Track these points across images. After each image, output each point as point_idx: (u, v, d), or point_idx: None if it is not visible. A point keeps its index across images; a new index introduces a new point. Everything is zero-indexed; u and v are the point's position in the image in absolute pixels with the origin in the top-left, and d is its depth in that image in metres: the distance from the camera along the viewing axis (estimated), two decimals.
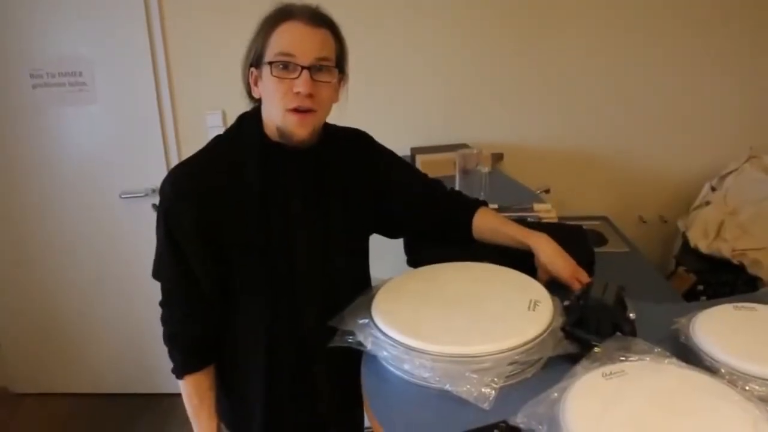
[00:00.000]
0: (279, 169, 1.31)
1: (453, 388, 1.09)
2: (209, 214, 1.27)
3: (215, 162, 1.31)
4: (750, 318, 1.28)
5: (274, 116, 1.27)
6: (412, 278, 1.40)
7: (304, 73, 1.22)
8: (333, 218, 1.37)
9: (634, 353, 1.14)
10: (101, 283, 3.21)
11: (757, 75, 2.88)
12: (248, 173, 1.28)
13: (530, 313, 1.22)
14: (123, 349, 3.31)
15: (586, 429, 0.95)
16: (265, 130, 1.31)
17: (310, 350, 1.38)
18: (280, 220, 1.31)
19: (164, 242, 1.31)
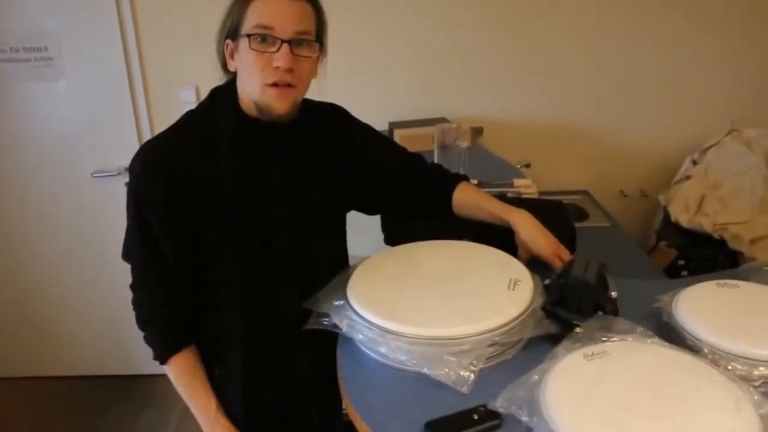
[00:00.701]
0: (255, 145, 1.26)
1: (431, 372, 1.05)
2: (181, 193, 1.21)
3: (187, 138, 1.25)
4: (733, 295, 1.26)
5: (251, 91, 1.21)
6: (388, 258, 1.36)
7: (284, 47, 1.17)
8: (312, 195, 1.33)
9: (616, 333, 1.12)
10: (77, 264, 3.14)
11: (738, 49, 2.85)
12: (222, 149, 1.23)
13: (510, 293, 1.19)
14: (101, 330, 3.25)
15: (568, 412, 0.93)
16: (241, 105, 1.26)
17: (291, 333, 1.34)
18: (257, 198, 1.26)
19: (134, 222, 1.26)
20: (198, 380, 1.34)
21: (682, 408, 0.94)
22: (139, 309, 1.32)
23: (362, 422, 1.02)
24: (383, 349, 1.10)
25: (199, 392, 1.34)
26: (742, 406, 0.94)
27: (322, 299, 1.22)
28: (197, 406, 1.35)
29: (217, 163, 1.23)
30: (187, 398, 1.35)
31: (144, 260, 1.28)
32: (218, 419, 1.34)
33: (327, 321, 1.19)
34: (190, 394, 1.34)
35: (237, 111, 1.25)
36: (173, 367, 1.33)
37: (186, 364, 1.33)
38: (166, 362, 1.32)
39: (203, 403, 1.34)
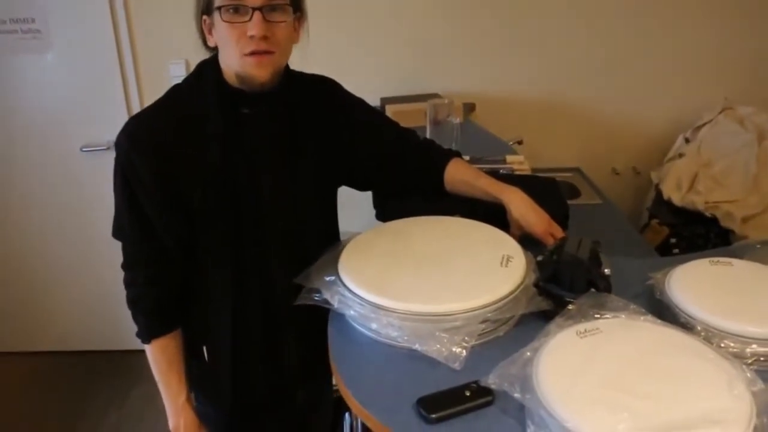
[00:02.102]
0: (242, 117, 1.24)
1: (422, 348, 1.05)
2: (169, 167, 1.19)
3: (174, 111, 1.23)
4: (726, 273, 1.25)
5: (231, 62, 1.19)
6: (380, 234, 1.34)
7: (256, 14, 1.14)
8: (302, 168, 1.31)
9: (608, 310, 1.11)
10: (65, 239, 3.11)
11: (732, 26, 2.83)
12: (209, 122, 1.21)
13: (502, 269, 1.18)
14: (90, 305, 3.23)
15: (560, 390, 0.92)
16: (225, 78, 1.23)
17: (279, 309, 1.33)
18: (245, 170, 1.24)
19: (122, 198, 1.24)
20: (175, 368, 1.33)
21: (674, 386, 0.93)
22: (129, 288, 1.30)
23: (353, 399, 1.01)
24: (375, 326, 1.09)
25: (173, 380, 1.34)
26: (734, 384, 0.94)
27: (313, 275, 1.21)
28: (168, 393, 1.35)
29: (204, 137, 1.21)
30: (159, 382, 1.34)
31: (134, 238, 1.26)
32: (185, 409, 1.34)
33: (318, 296, 1.18)
34: (163, 379, 1.34)
35: (222, 84, 1.23)
36: (154, 349, 1.32)
37: (167, 350, 1.32)
38: (149, 342, 1.31)
39: (174, 392, 1.34)
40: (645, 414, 0.87)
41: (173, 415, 1.34)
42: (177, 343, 1.32)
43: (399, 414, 0.97)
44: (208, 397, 1.41)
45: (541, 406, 0.91)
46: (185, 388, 1.33)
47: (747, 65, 2.89)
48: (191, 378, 1.37)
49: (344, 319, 1.19)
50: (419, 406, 0.96)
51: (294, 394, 1.44)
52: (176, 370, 1.32)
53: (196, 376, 1.38)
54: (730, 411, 0.89)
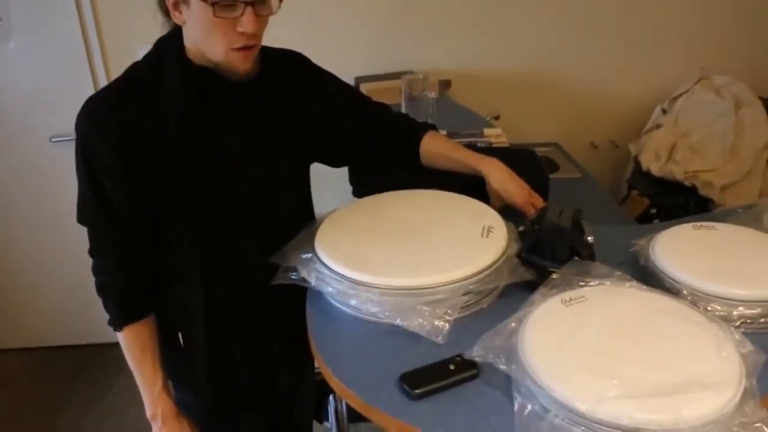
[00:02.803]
0: (206, 93, 1.19)
1: (404, 323, 1.01)
2: (131, 146, 1.14)
3: (134, 88, 1.18)
4: (710, 237, 1.24)
5: (213, 54, 1.13)
6: (357, 209, 1.31)
7: (248, 10, 1.08)
8: (271, 145, 1.26)
9: (593, 278, 1.09)
10: (37, 232, 3.03)
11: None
12: (171, 98, 1.16)
13: (484, 240, 1.15)
14: (62, 299, 3.16)
15: (546, 359, 0.90)
16: (189, 56, 1.18)
17: (255, 290, 1.29)
18: (211, 148, 1.19)
19: (85, 180, 1.19)
20: (149, 355, 1.28)
21: (663, 351, 0.91)
22: (97, 275, 1.25)
23: (334, 378, 0.98)
24: (354, 302, 1.05)
25: (148, 368, 1.29)
26: (722, 346, 0.92)
27: (289, 253, 1.17)
28: (143, 381, 1.30)
29: (166, 113, 1.16)
30: (134, 370, 1.29)
31: (100, 223, 1.21)
32: (162, 397, 1.29)
33: (295, 275, 1.14)
34: (138, 367, 1.29)
35: (184, 60, 1.17)
36: (126, 336, 1.27)
37: (139, 336, 1.27)
38: (121, 330, 1.26)
39: (149, 379, 1.29)
40: (634, 380, 0.85)
41: (150, 404, 1.30)
42: (150, 330, 1.28)
43: (382, 391, 0.94)
44: (186, 384, 1.37)
45: (528, 376, 0.88)
46: (161, 375, 1.29)
47: (721, 35, 2.87)
48: (168, 366, 1.33)
49: (323, 298, 1.15)
50: (402, 383, 0.93)
51: (275, 378, 1.40)
52: (150, 358, 1.28)
53: (172, 364, 1.34)
54: (719, 373, 0.87)
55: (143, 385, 1.29)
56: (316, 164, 1.44)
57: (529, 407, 0.86)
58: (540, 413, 0.86)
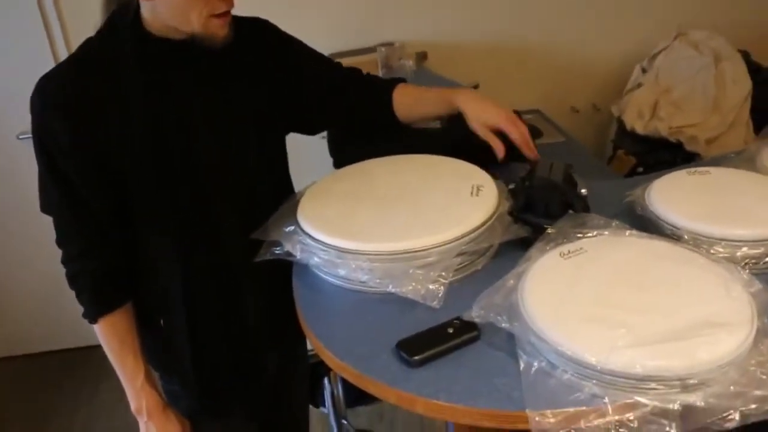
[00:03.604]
0: (166, 64, 1.12)
1: (396, 289, 0.96)
2: (87, 124, 1.07)
3: (89, 64, 1.11)
4: (705, 182, 1.20)
5: (188, 24, 1.07)
6: (339, 177, 1.25)
7: None
8: (241, 116, 1.20)
9: (590, 229, 1.04)
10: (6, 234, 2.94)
11: None
12: (129, 71, 1.09)
13: (474, 199, 1.10)
14: (40, 304, 3.06)
15: (550, 314, 0.85)
16: (146, 26, 1.10)
17: (235, 270, 1.23)
18: (175, 119, 1.13)
19: (43, 163, 1.12)
20: (128, 347, 1.22)
21: (670, 296, 0.87)
22: (66, 264, 1.18)
23: (327, 351, 0.93)
24: (342, 271, 1.00)
25: (128, 360, 1.22)
26: (731, 286, 0.88)
27: (271, 227, 1.11)
28: (125, 375, 1.23)
29: (125, 88, 1.09)
30: (115, 364, 1.23)
31: (64, 210, 1.14)
32: (145, 389, 1.22)
33: (279, 250, 1.08)
34: (118, 360, 1.23)
35: (141, 31, 1.11)
36: (103, 328, 1.20)
37: (117, 327, 1.20)
38: (97, 322, 1.19)
39: (130, 371, 1.22)
40: (644, 327, 0.80)
41: (134, 398, 1.23)
42: (127, 320, 1.21)
43: (378, 361, 0.89)
44: (172, 374, 1.31)
45: (532, 332, 0.84)
46: (142, 367, 1.22)
47: None
48: (152, 356, 1.27)
49: (309, 271, 1.10)
50: (400, 350, 0.88)
51: (265, 361, 1.35)
52: (130, 349, 1.21)
53: (156, 354, 1.28)
54: (730, 314, 0.83)
55: (125, 379, 1.23)
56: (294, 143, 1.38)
57: (535, 365, 0.82)
58: (547, 370, 0.81)
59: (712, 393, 0.75)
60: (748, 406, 0.74)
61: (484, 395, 0.81)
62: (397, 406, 0.87)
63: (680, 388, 0.75)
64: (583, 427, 0.75)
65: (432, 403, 0.81)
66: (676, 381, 0.75)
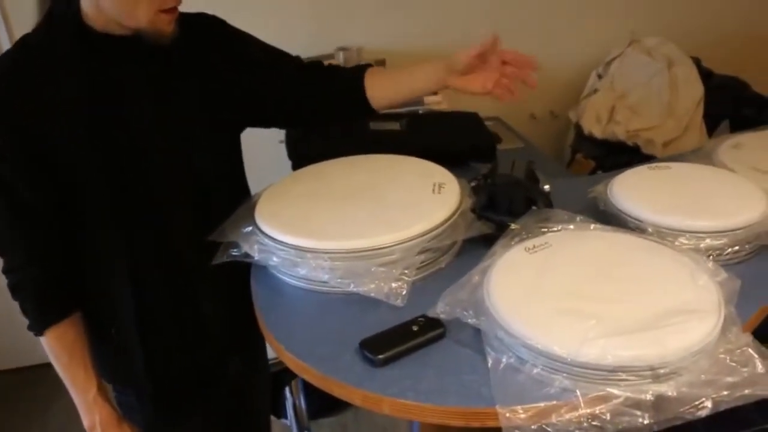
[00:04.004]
0: (110, 60, 1.07)
1: (358, 288, 0.93)
2: (28, 123, 1.01)
3: (26, 62, 1.04)
4: (666, 176, 1.20)
5: (135, 19, 1.02)
6: (298, 178, 1.22)
7: None
8: (190, 113, 1.15)
9: (555, 224, 1.02)
10: None
11: None
12: (70, 69, 1.04)
13: (436, 196, 1.07)
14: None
15: (517, 307, 0.83)
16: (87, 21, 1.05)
17: (189, 273, 1.17)
18: (120, 117, 1.07)
19: None
20: (78, 359, 1.15)
21: (638, 287, 0.86)
22: (8, 274, 1.10)
23: (288, 354, 0.89)
24: (302, 271, 0.96)
25: (79, 373, 1.15)
26: (697, 276, 0.87)
27: (228, 229, 1.07)
28: (75, 388, 1.16)
29: (67, 86, 1.03)
30: (64, 378, 1.16)
31: (4, 215, 1.07)
32: (98, 403, 1.16)
33: (236, 251, 1.04)
34: (68, 374, 1.16)
35: (82, 26, 1.05)
36: (50, 340, 1.13)
37: (65, 339, 1.13)
38: (43, 334, 1.12)
39: (81, 385, 1.16)
40: (614, 317, 0.79)
41: (86, 413, 1.16)
42: (76, 330, 1.14)
43: (341, 362, 0.85)
44: (125, 385, 1.24)
45: (499, 327, 0.81)
46: (94, 380, 1.16)
47: None
48: (104, 367, 1.21)
49: (268, 273, 1.06)
50: (363, 349, 0.84)
51: (225, 370, 1.29)
52: (80, 362, 1.14)
53: (109, 364, 1.21)
54: (698, 303, 0.82)
55: (76, 393, 1.16)
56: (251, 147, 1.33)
57: (504, 361, 0.80)
58: (516, 365, 0.79)
59: (684, 382, 0.74)
60: (720, 394, 0.72)
61: (453, 393, 0.78)
62: (359, 419, 0.83)
63: (652, 379, 0.74)
64: (554, 422, 0.73)
65: (399, 402, 0.78)
66: (647, 371, 0.73)
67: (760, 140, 1.38)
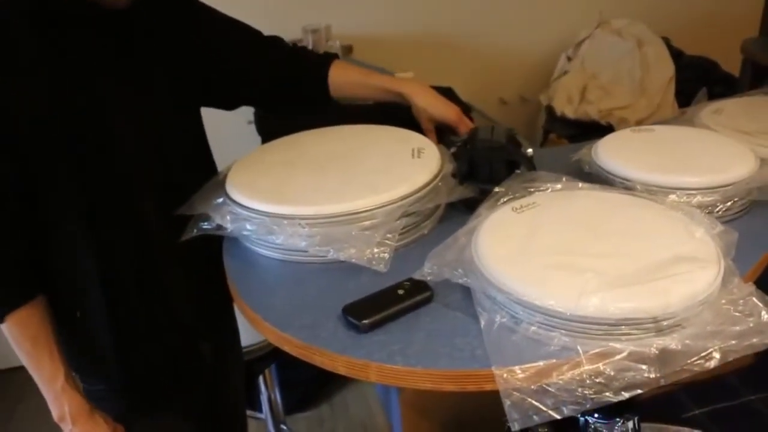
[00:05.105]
0: (64, 28, 0.99)
1: (338, 254, 0.88)
2: None
3: None
4: (651, 138, 1.17)
5: None
6: (269, 149, 1.16)
7: None
8: (146, 80, 1.07)
9: (542, 183, 0.98)
10: None
11: None
12: (20, 39, 0.96)
13: (416, 161, 1.02)
14: None
15: (510, 264, 0.78)
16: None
17: (156, 251, 1.10)
18: (77, 89, 0.99)
19: None
20: (43, 346, 1.06)
21: (634, 241, 0.82)
22: None
23: (266, 324, 0.83)
24: (278, 239, 0.90)
25: (44, 361, 1.07)
26: (693, 229, 0.83)
27: (197, 201, 1.01)
28: (42, 378, 1.08)
29: (18, 58, 0.95)
30: (30, 368, 1.07)
31: None
32: (66, 392, 1.07)
33: (207, 225, 0.98)
34: (33, 363, 1.07)
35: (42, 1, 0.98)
36: (12, 327, 1.04)
37: (28, 325, 1.04)
38: (4, 320, 1.04)
39: (48, 373, 1.07)
40: (612, 270, 0.75)
41: (55, 404, 1.08)
42: (40, 316, 1.06)
43: (323, 329, 0.80)
44: (93, 373, 1.16)
45: (491, 285, 0.76)
46: (62, 368, 1.08)
47: None
48: (72, 354, 1.13)
49: (241, 246, 1.00)
50: (346, 315, 0.79)
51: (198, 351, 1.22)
52: (45, 349, 1.06)
53: (76, 351, 1.14)
54: (698, 252, 0.78)
55: (42, 383, 1.08)
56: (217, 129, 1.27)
57: (497, 320, 0.75)
58: (510, 325, 0.75)
59: (689, 334, 0.70)
60: (728, 343, 0.68)
61: (445, 356, 0.73)
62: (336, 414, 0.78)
63: (655, 332, 0.70)
64: (556, 381, 0.68)
65: (387, 368, 0.73)
66: (650, 324, 0.69)
67: (740, 106, 1.36)
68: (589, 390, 0.67)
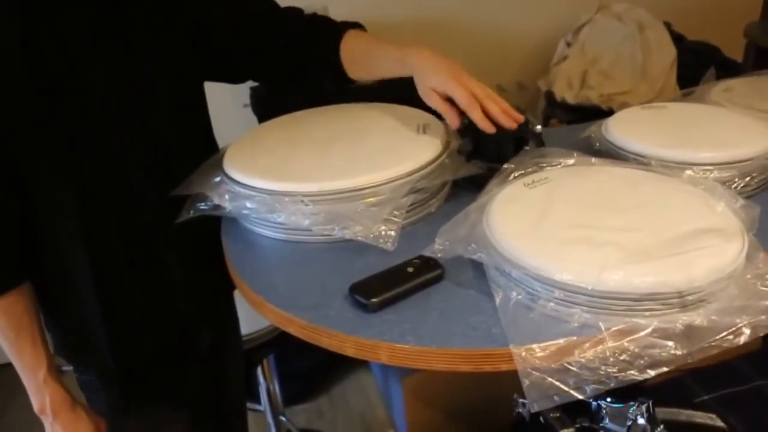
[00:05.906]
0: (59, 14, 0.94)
1: (343, 232, 0.84)
2: None
3: None
4: (664, 115, 1.13)
5: None
6: (268, 128, 1.12)
7: None
8: (139, 55, 1.02)
9: (553, 158, 0.94)
10: None
11: None
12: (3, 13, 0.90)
13: (422, 137, 0.99)
14: None
15: (525, 240, 0.74)
16: None
17: (151, 235, 1.05)
18: (65, 66, 0.94)
19: None
20: (26, 335, 1.02)
21: (655, 216, 0.78)
22: None
23: (269, 305, 0.79)
24: (281, 218, 0.86)
25: (26, 350, 1.02)
26: (714, 203, 0.80)
27: (195, 181, 0.96)
28: (23, 368, 1.04)
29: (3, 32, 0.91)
30: (11, 357, 1.03)
31: None
32: (48, 383, 1.03)
33: (205, 205, 0.94)
34: (15, 351, 1.02)
35: None
36: None
37: (11, 313, 1.00)
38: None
39: (29, 363, 1.03)
40: (632, 244, 0.71)
41: (36, 395, 1.03)
42: (24, 304, 1.01)
43: (330, 309, 0.76)
44: (86, 363, 1.12)
45: (506, 261, 0.73)
46: (44, 358, 1.02)
47: None
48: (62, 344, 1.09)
49: (241, 227, 0.96)
50: (354, 294, 0.76)
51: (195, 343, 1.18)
52: (29, 337, 1.01)
53: (68, 340, 1.09)
54: (721, 225, 0.74)
55: (24, 373, 1.03)
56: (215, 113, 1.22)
57: (513, 297, 0.71)
58: (526, 302, 0.71)
59: (715, 309, 0.66)
60: (757, 318, 0.65)
61: (460, 335, 0.69)
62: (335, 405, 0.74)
63: (679, 307, 0.66)
64: (578, 359, 0.65)
65: (398, 348, 0.69)
66: (675, 298, 0.66)
67: (750, 85, 1.33)
68: (613, 368, 0.63)
